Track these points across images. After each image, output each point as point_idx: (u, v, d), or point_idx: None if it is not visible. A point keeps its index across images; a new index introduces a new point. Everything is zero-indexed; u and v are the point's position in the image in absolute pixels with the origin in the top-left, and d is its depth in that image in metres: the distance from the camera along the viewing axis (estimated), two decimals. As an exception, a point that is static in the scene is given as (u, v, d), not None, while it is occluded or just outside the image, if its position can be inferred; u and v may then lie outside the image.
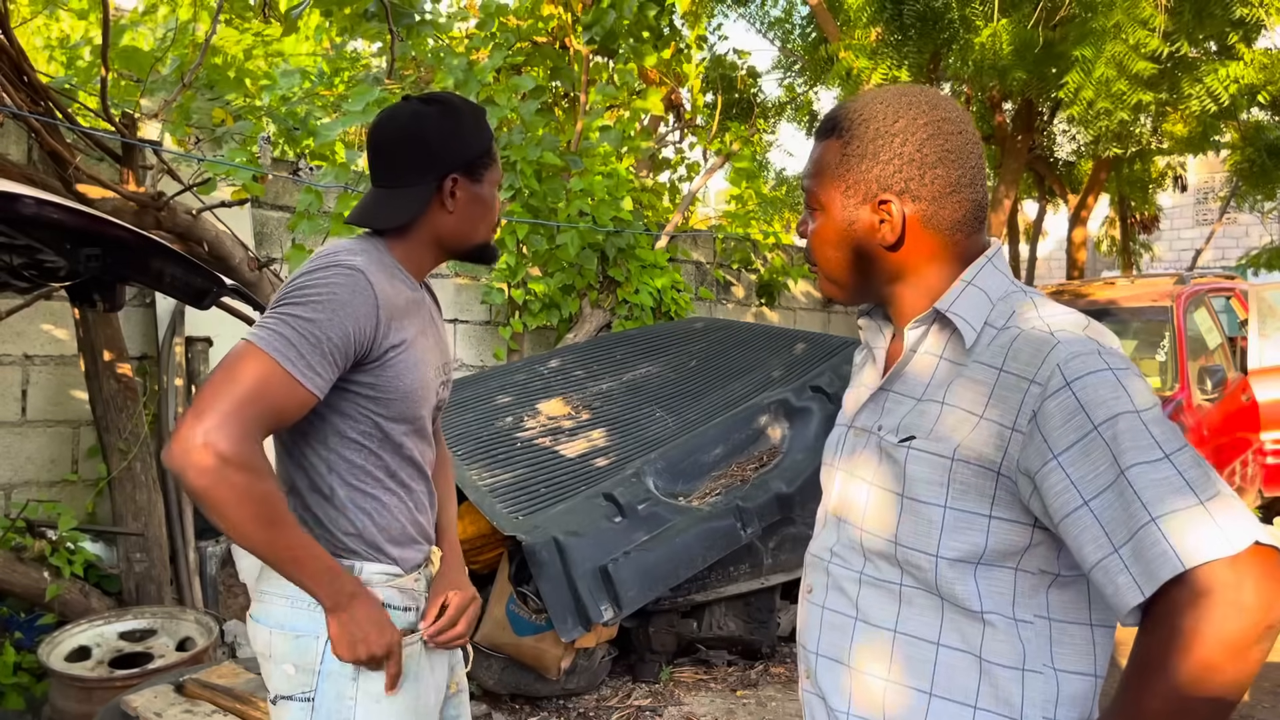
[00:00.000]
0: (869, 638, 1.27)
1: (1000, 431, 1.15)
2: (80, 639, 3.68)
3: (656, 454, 4.65)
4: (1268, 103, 9.16)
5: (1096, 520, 1.07)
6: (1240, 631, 0.98)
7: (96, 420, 4.37)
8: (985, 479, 1.17)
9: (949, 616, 1.21)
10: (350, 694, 1.62)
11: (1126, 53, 6.37)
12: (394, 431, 1.68)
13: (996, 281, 1.26)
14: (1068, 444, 1.09)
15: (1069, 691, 1.18)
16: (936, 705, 1.21)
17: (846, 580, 1.30)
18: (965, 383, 1.20)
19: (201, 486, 1.41)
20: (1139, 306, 6.83)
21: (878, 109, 1.28)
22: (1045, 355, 1.13)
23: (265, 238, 5.46)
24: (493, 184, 1.74)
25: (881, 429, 1.28)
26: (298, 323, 1.51)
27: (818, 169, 1.32)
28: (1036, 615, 1.19)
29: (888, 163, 1.25)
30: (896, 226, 1.26)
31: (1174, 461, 1.05)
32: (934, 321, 1.27)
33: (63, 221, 2.25)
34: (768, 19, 12.96)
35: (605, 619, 3.72)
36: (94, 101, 4.27)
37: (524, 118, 6.27)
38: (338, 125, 4.72)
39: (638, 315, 6.99)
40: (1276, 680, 4.36)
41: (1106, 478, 1.07)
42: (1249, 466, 6.57)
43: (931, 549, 1.20)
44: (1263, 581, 0.99)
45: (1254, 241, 16.04)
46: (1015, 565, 1.18)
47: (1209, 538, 1.00)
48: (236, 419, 1.42)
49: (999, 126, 11.41)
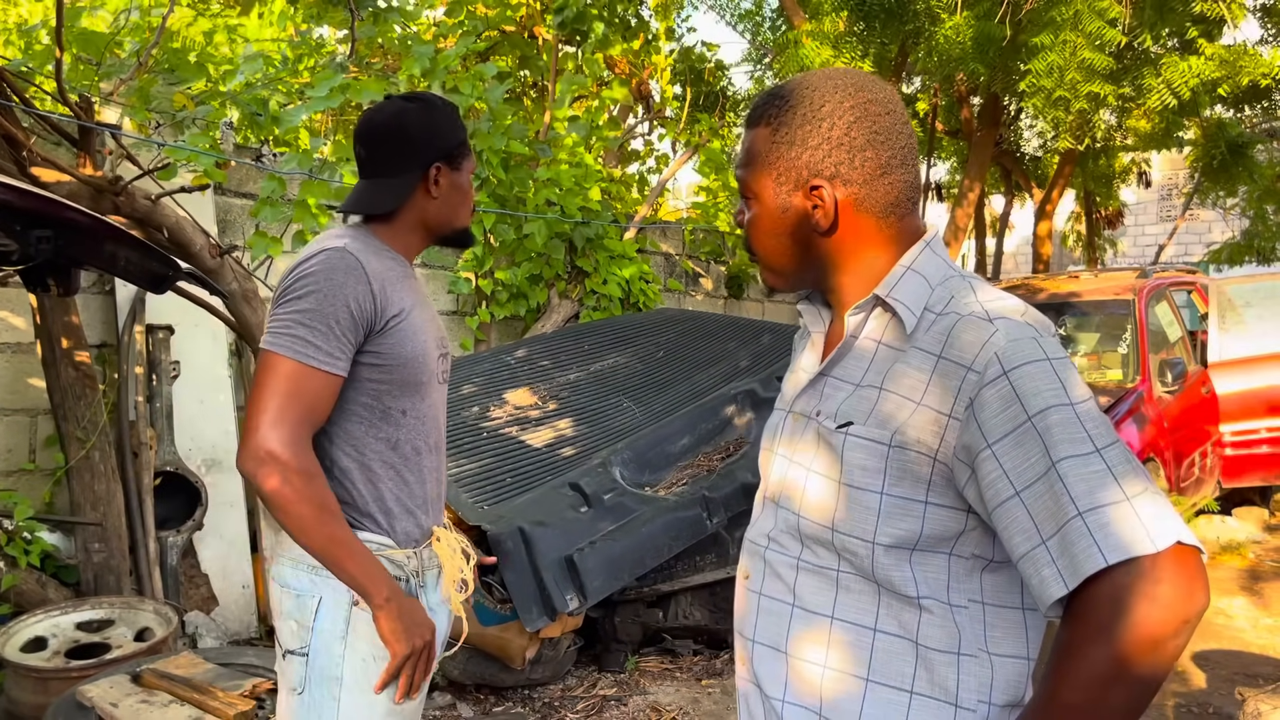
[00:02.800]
0: (806, 624, 1.26)
1: (938, 418, 1.15)
2: (36, 629, 3.63)
3: (623, 444, 4.64)
4: (1228, 97, 9.28)
5: (1026, 511, 1.08)
6: (1158, 625, 1.00)
7: (54, 409, 4.30)
8: (922, 465, 1.16)
9: (885, 602, 1.21)
10: (339, 651, 1.73)
11: (1082, 42, 6.43)
12: (394, 403, 1.79)
13: (935, 266, 1.26)
14: (1002, 433, 1.09)
15: (1003, 675, 1.19)
16: (873, 691, 1.21)
17: (784, 566, 1.30)
18: (904, 369, 1.20)
19: (270, 490, 1.62)
20: (1102, 300, 6.91)
21: (804, 94, 1.26)
22: (984, 342, 1.13)
23: (229, 225, 5.40)
24: (469, 172, 1.90)
25: (820, 414, 1.27)
26: (303, 316, 1.66)
27: (749, 158, 1.31)
28: (970, 600, 1.19)
29: (816, 148, 1.24)
30: (829, 212, 1.25)
31: (1105, 456, 1.06)
32: (874, 307, 1.26)
33: (12, 202, 2.21)
34: (738, 11, 12.97)
35: (570, 609, 3.72)
36: (49, 84, 4.19)
37: (491, 106, 6.23)
38: (301, 111, 4.66)
39: (606, 306, 6.98)
40: (1234, 668, 4.43)
41: (1038, 469, 1.07)
42: (1208, 458, 6.66)
43: (869, 535, 1.20)
44: (1181, 579, 1.01)
45: (1216, 237, 16.28)
46: (949, 550, 1.19)
47: (1134, 534, 1.02)
48: (285, 425, 1.62)
49: (965, 121, 11.49)
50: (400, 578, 1.78)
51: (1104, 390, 6.09)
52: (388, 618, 1.68)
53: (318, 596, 1.72)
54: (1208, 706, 4.06)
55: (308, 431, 1.67)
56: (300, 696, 1.74)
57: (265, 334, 1.70)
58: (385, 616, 1.68)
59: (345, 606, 1.72)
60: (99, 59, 4.60)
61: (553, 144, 6.98)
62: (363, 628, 1.72)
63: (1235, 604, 5.39)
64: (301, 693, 1.74)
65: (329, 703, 1.72)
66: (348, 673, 1.72)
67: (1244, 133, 11.61)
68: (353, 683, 1.72)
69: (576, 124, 7.28)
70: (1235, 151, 11.32)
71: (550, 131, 7.17)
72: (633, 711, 3.95)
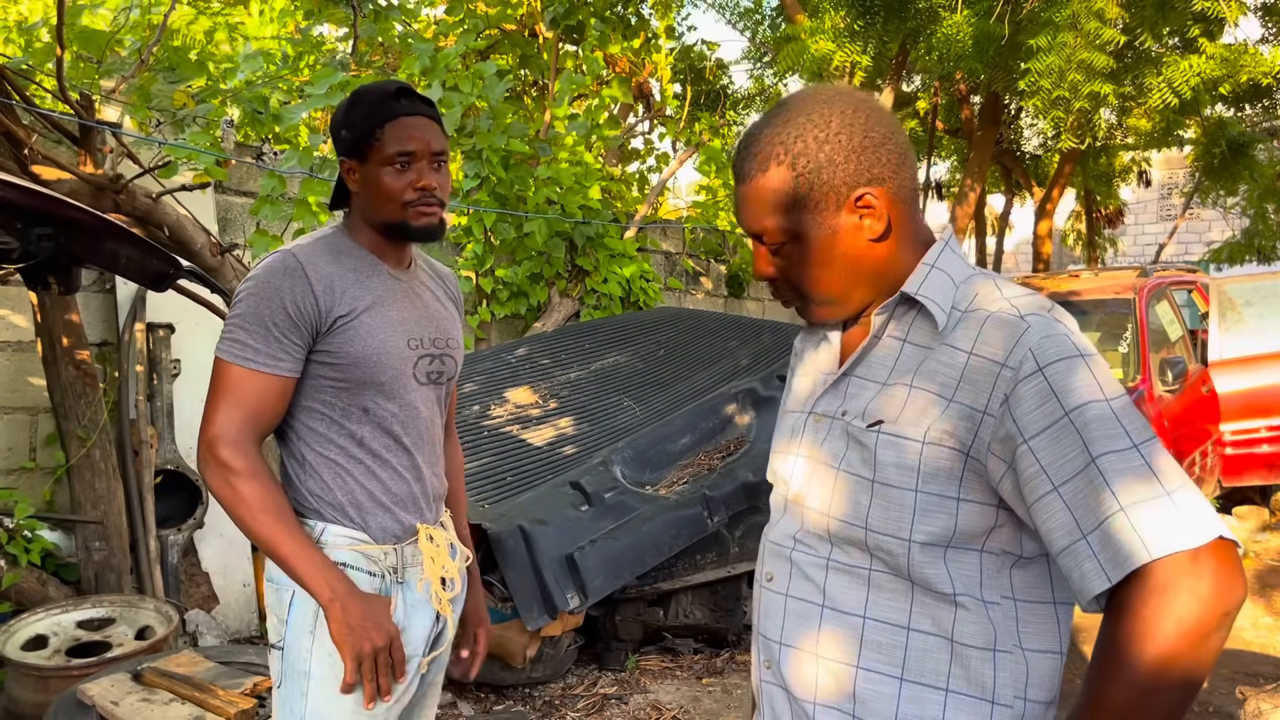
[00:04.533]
0: (837, 624, 1.26)
1: (971, 414, 1.15)
2: (37, 627, 3.62)
3: (624, 443, 4.64)
4: (1229, 96, 9.28)
5: (1066, 506, 1.09)
6: (1200, 620, 1.01)
7: (55, 407, 4.30)
8: (955, 461, 1.17)
9: (919, 600, 1.21)
10: (308, 646, 1.73)
11: (1080, 44, 6.43)
12: (354, 401, 1.77)
13: (956, 264, 1.27)
14: (1039, 429, 1.10)
15: (1038, 670, 1.20)
16: (908, 690, 1.21)
17: (812, 567, 1.29)
18: (934, 366, 1.20)
19: (215, 491, 1.68)
20: (1103, 299, 6.90)
21: (804, 122, 1.25)
22: (1017, 338, 1.14)
23: (229, 223, 5.40)
24: (382, 163, 1.77)
25: (846, 414, 1.27)
26: (243, 320, 1.70)
27: (769, 206, 1.26)
28: (1003, 596, 1.20)
29: (845, 162, 1.23)
30: (882, 214, 1.24)
31: (1142, 452, 1.07)
32: (898, 306, 1.27)
33: (13, 200, 2.21)
34: (738, 9, 12.96)
35: (571, 607, 3.72)
36: (50, 82, 4.19)
37: (491, 104, 6.22)
38: (301, 109, 4.66)
39: (606, 305, 6.98)
40: (1235, 667, 4.43)
41: (1077, 464, 1.08)
42: (1208, 457, 6.66)
43: (904, 533, 1.20)
44: (1221, 573, 1.03)
45: (1216, 236, 16.29)
46: (981, 547, 1.19)
47: (1176, 529, 1.03)
48: (230, 428, 1.67)
49: (966, 120, 11.49)
50: (374, 573, 1.77)
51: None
52: (333, 619, 1.67)
53: (291, 591, 1.73)
54: (1208, 705, 4.06)
55: (252, 433, 1.70)
56: (279, 690, 1.76)
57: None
58: (331, 618, 1.67)
59: (314, 602, 1.71)
60: (100, 57, 4.59)
61: (553, 143, 6.97)
62: None
63: (1235, 603, 5.39)
64: (279, 686, 1.76)
65: (299, 697, 1.73)
66: (315, 667, 1.72)
67: (1244, 132, 11.61)
68: (320, 678, 1.72)
69: (576, 123, 7.28)
70: (1236, 150, 11.32)
71: (550, 130, 7.17)
72: (633, 710, 3.95)
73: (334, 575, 1.69)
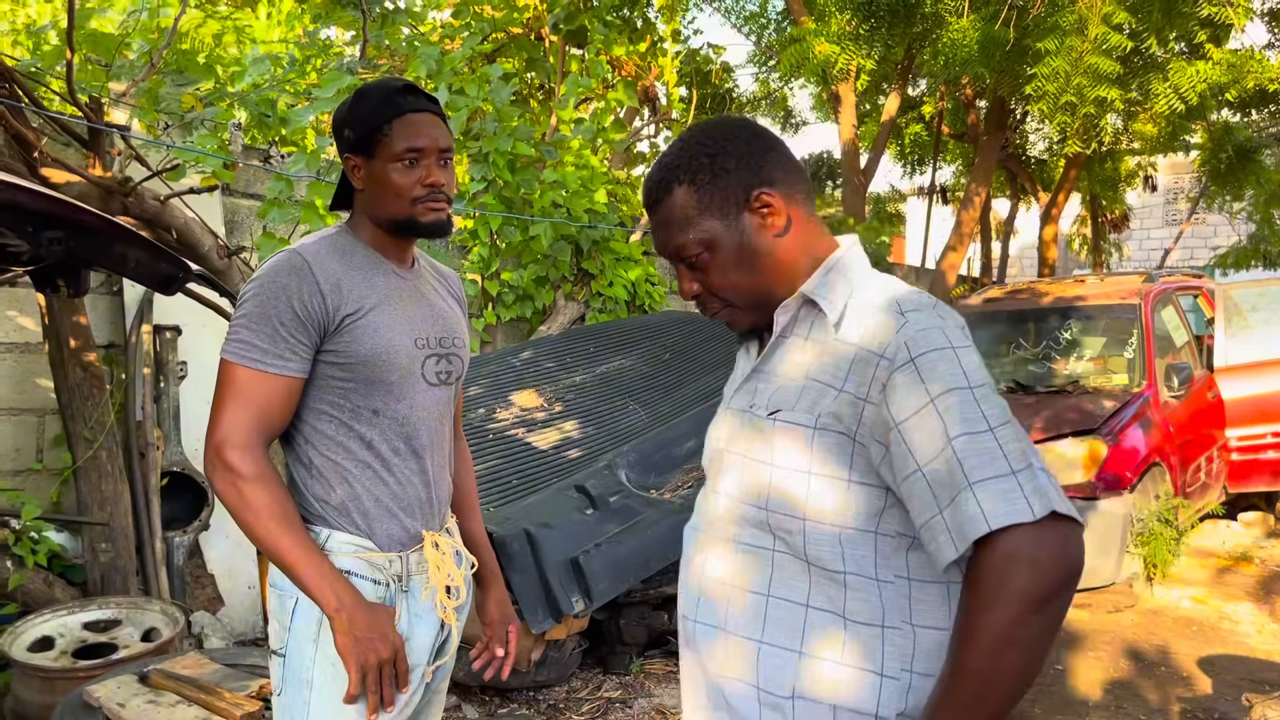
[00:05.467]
0: (744, 603, 1.36)
1: (855, 402, 1.26)
2: (43, 629, 3.63)
3: (629, 446, 4.64)
4: (1235, 101, 9.27)
5: (927, 484, 1.19)
6: (1038, 588, 1.12)
7: (62, 409, 4.31)
8: (844, 446, 1.27)
9: (815, 579, 1.31)
10: (311, 654, 1.71)
11: (1087, 48, 6.43)
12: (363, 402, 1.75)
13: (855, 267, 1.39)
14: (908, 414, 1.21)
15: (924, 645, 1.28)
16: (806, 664, 1.30)
17: (723, 549, 1.40)
18: (827, 359, 1.32)
19: (221, 495, 1.65)
20: (1108, 304, 6.90)
21: (694, 145, 1.39)
22: (895, 332, 1.25)
23: (235, 226, 5.41)
24: (391, 159, 1.77)
25: (753, 406, 1.39)
26: (249, 320, 1.67)
27: (680, 224, 1.38)
28: (897, 576, 1.28)
29: (737, 169, 1.37)
30: (780, 211, 1.37)
31: (996, 435, 1.18)
32: (801, 305, 1.39)
33: (25, 204, 2.22)
34: (743, 13, 12.97)
35: (576, 611, 3.72)
36: (59, 85, 4.21)
37: (497, 107, 6.23)
38: (309, 112, 4.67)
39: (611, 308, 6.98)
40: (1240, 674, 4.42)
41: (938, 446, 1.18)
42: (1214, 463, 6.65)
43: (800, 513, 1.30)
44: (1057, 545, 1.13)
45: (1221, 241, 16.25)
46: (875, 529, 1.29)
47: (1015, 505, 1.13)
48: (237, 431, 1.64)
49: (971, 125, 11.49)
50: (379, 581, 1.75)
51: (1109, 395, 6.09)
52: (338, 629, 1.65)
53: (294, 598, 1.71)
54: (1213, 712, 4.05)
55: (260, 436, 1.67)
56: (279, 698, 1.74)
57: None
58: (336, 628, 1.65)
59: (318, 609, 1.69)
60: (109, 60, 4.61)
61: (559, 146, 6.98)
62: None
63: (1241, 609, 5.38)
64: (280, 694, 1.74)
65: (300, 706, 1.71)
66: (318, 676, 1.70)
67: (1251, 137, 11.60)
68: (322, 686, 1.70)
69: (582, 126, 7.28)
70: (1242, 156, 11.31)
71: (556, 133, 7.18)
72: (637, 714, 3.95)
73: (340, 585, 1.66)
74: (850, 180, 9.95)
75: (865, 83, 9.90)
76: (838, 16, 7.74)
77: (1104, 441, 5.44)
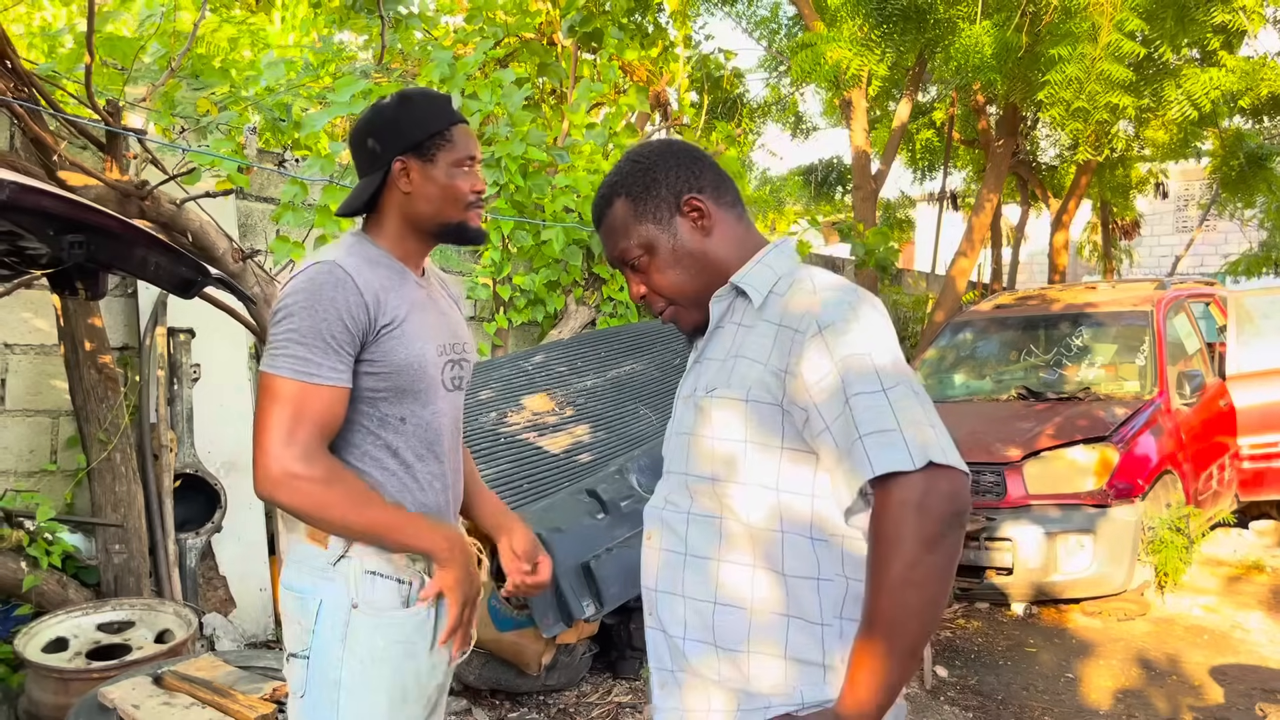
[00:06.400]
0: (697, 569, 1.48)
1: (778, 374, 1.40)
2: (58, 630, 3.65)
3: (640, 451, 4.64)
4: (1247, 108, 9.24)
5: (832, 439, 1.33)
6: (927, 529, 1.23)
7: (76, 410, 4.33)
8: (775, 415, 1.40)
9: (757, 541, 1.42)
10: (338, 654, 1.73)
11: (1100, 54, 6.42)
12: (392, 410, 1.79)
13: (782, 261, 1.54)
14: (816, 379, 1.34)
15: (855, 592, 1.39)
16: (756, 619, 1.42)
17: (677, 521, 1.52)
18: (755, 338, 1.45)
19: (294, 506, 1.65)
20: (1120, 311, 6.89)
21: (630, 165, 1.58)
22: (809, 309, 1.40)
23: (249, 229, 5.43)
24: (451, 164, 1.83)
25: (696, 390, 1.52)
26: (300, 335, 1.67)
27: (622, 232, 1.56)
28: (830, 534, 1.41)
29: (665, 180, 1.54)
30: (710, 213, 1.54)
31: (888, 394, 1.30)
32: (732, 296, 1.53)
33: (47, 207, 2.23)
34: (754, 18, 12.98)
35: (587, 615, 3.73)
36: (75, 88, 4.24)
37: (510, 112, 6.25)
38: (323, 116, 4.70)
39: (622, 312, 6.98)
40: (1253, 683, 4.40)
41: (839, 406, 1.32)
42: (1225, 471, 6.63)
43: (740, 479, 1.43)
44: (940, 490, 1.25)
45: (1232, 248, 16.21)
46: (811, 492, 1.41)
47: (896, 455, 1.25)
48: (296, 443, 1.64)
49: (983, 131, 11.47)
50: (403, 581, 1.77)
51: (1121, 402, 6.08)
52: (451, 566, 1.74)
53: (318, 599, 1.73)
54: (1226, 721, 4.04)
55: (321, 444, 1.68)
56: (302, 700, 1.75)
57: (264, 355, 1.71)
58: (450, 570, 1.74)
59: (345, 609, 1.72)
60: (126, 64, 4.63)
61: (571, 151, 6.99)
62: (361, 631, 1.73)
63: (1252, 618, 5.36)
64: (303, 696, 1.75)
65: (329, 706, 1.72)
66: (347, 675, 1.72)
67: (1263, 144, 11.57)
68: (352, 685, 1.72)
69: (594, 131, 7.30)
70: (1254, 162, 11.28)
71: (568, 138, 7.20)
72: (647, 719, 3.95)
73: (442, 528, 1.77)
74: (861, 186, 9.94)
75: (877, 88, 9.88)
76: (850, 22, 7.74)
77: (1115, 449, 5.43)
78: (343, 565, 1.74)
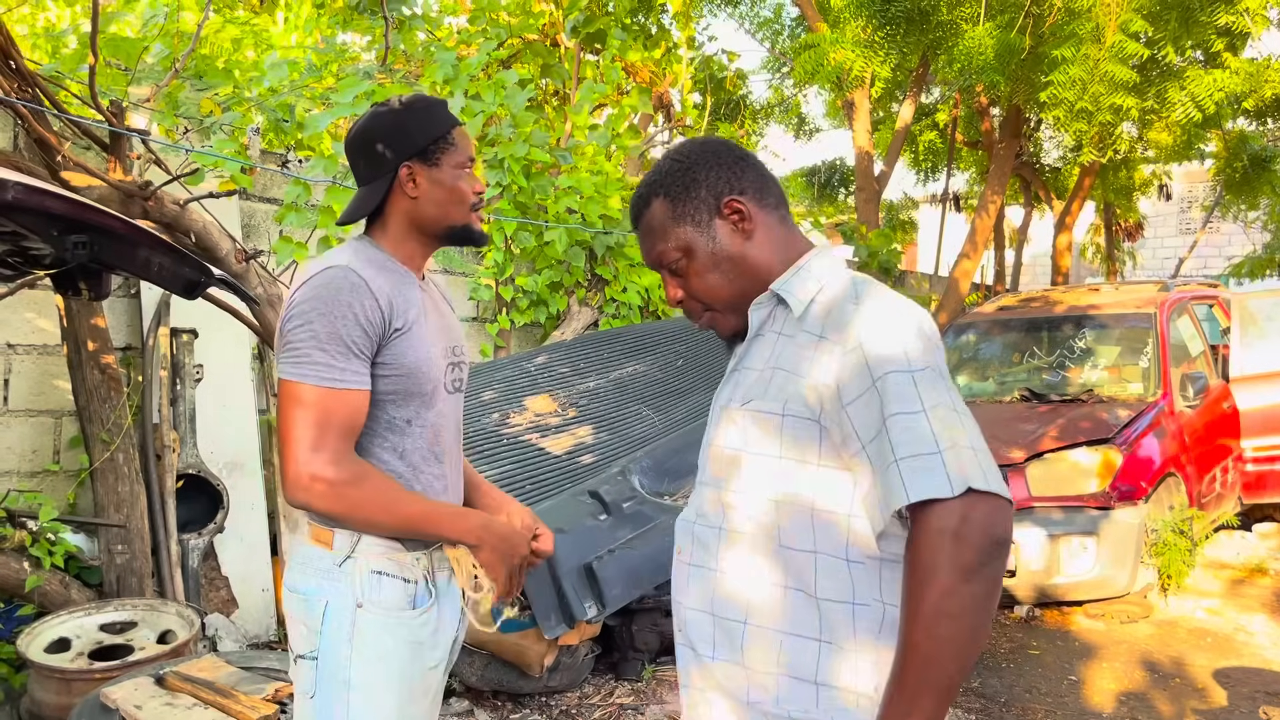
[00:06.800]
0: (729, 587, 1.43)
1: (818, 388, 1.34)
2: (60, 630, 3.65)
3: (642, 452, 4.65)
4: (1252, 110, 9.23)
5: (869, 459, 1.27)
6: (964, 559, 1.17)
7: (79, 410, 4.34)
8: (811, 430, 1.35)
9: (790, 560, 1.37)
10: (346, 654, 1.73)
11: (1104, 55, 6.41)
12: (399, 413, 1.80)
13: (826, 267, 1.47)
14: (855, 395, 1.29)
15: (892, 618, 1.33)
16: (788, 642, 1.37)
17: (709, 537, 1.47)
18: (794, 349, 1.40)
19: (328, 510, 1.67)
20: (1123, 313, 6.88)
21: (669, 164, 1.51)
22: (851, 321, 1.34)
23: (253, 229, 5.43)
24: (455, 166, 1.85)
25: (732, 400, 1.46)
26: (319, 341, 1.67)
27: (659, 233, 1.50)
28: (868, 557, 1.34)
29: (706, 180, 1.47)
30: (751, 216, 1.47)
31: (929, 415, 1.24)
32: (773, 303, 1.47)
33: (50, 208, 2.23)
34: (758, 19, 12.99)
35: (589, 617, 3.72)
36: (79, 89, 4.24)
37: (513, 113, 6.25)
38: (326, 117, 4.70)
39: (625, 314, 6.98)
40: (1256, 686, 4.39)
41: (877, 425, 1.26)
42: (1229, 473, 6.61)
43: (774, 495, 1.38)
44: (979, 518, 1.18)
45: (1236, 250, 16.19)
46: (849, 511, 1.34)
47: (936, 480, 1.19)
48: (325, 449, 1.65)
49: (986, 132, 11.46)
50: (409, 579, 1.78)
51: (1124, 404, 6.07)
52: (486, 551, 1.78)
53: (325, 600, 1.74)
54: (1229, 724, 4.03)
55: (349, 447, 1.70)
56: (312, 700, 1.76)
57: (282, 362, 1.72)
58: (484, 551, 1.78)
59: (350, 610, 1.73)
60: (130, 65, 4.64)
61: (574, 152, 7.00)
62: (369, 630, 1.74)
63: (1256, 621, 5.35)
64: (313, 696, 1.75)
65: (339, 706, 1.73)
66: (355, 675, 1.73)
67: (1267, 146, 11.55)
68: (361, 684, 1.73)
69: (597, 132, 7.30)
70: (1257, 164, 11.27)
71: (571, 139, 7.20)
72: (650, 720, 3.95)
73: (468, 517, 1.81)
74: (864, 188, 9.94)
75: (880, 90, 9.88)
76: (853, 23, 7.73)
77: (1119, 451, 5.43)
78: (348, 566, 1.75)
